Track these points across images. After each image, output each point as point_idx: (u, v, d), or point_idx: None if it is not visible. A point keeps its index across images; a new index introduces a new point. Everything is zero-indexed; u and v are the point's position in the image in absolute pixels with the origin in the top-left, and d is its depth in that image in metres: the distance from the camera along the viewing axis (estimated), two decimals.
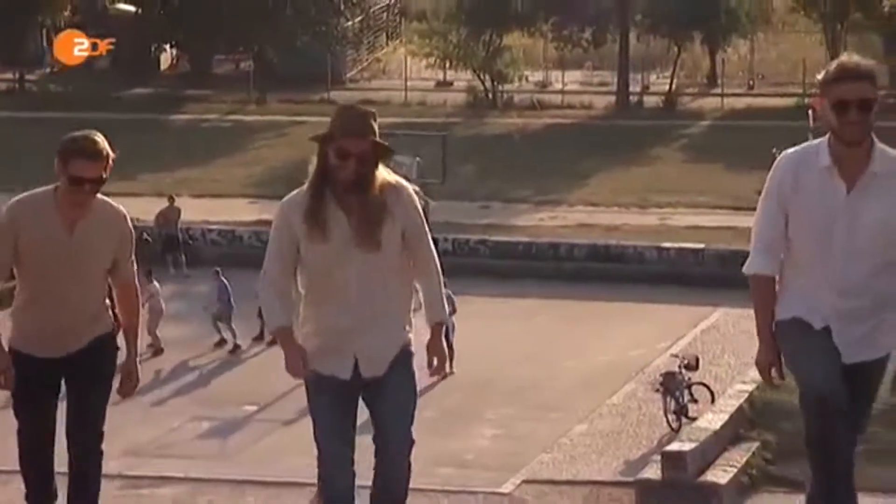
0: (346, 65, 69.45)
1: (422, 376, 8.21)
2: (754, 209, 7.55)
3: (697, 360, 30.41)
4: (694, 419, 28.28)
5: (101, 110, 53.09)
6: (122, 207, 8.73)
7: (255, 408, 30.67)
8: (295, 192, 8.13)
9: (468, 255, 41.51)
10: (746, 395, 29.32)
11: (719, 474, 25.99)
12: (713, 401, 29.31)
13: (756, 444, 27.34)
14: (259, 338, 34.93)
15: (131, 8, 65.84)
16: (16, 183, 18.38)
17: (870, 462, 12.85)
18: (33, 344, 8.62)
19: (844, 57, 7.52)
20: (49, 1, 62.39)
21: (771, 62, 66.84)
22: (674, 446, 26.60)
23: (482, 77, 61.93)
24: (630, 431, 28.47)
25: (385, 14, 74.19)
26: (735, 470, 26.18)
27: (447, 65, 65.19)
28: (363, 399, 8.16)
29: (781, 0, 67.06)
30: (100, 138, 8.45)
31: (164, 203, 43.28)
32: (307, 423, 8.07)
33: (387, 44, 73.59)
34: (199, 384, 32.70)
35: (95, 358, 8.65)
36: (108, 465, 9.15)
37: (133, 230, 8.88)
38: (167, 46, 68.17)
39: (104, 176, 8.43)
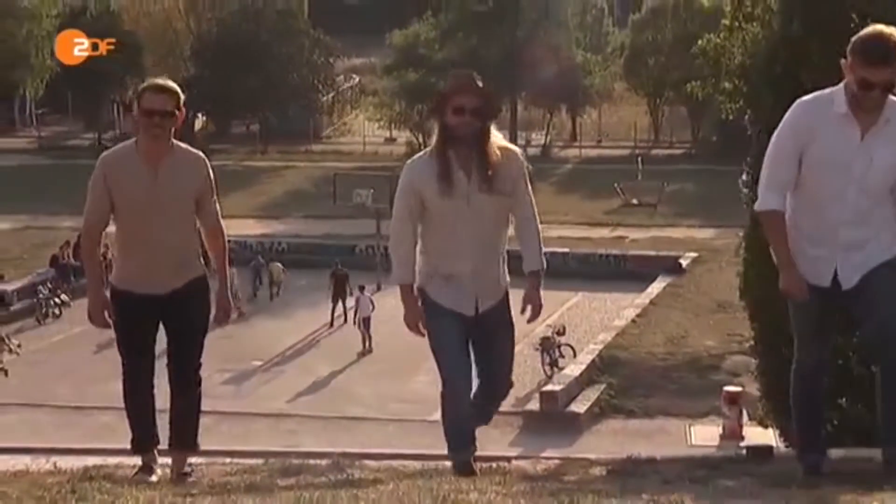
0: (322, 126, 69.53)
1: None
2: (603, 225, 7.02)
3: (564, 328, 30.47)
4: (562, 369, 28.37)
5: None
6: (201, 153, 7.10)
7: (259, 362, 30.55)
8: (417, 155, 6.78)
9: None
10: (597, 352, 29.50)
11: (579, 406, 26.12)
12: (575, 356, 29.40)
13: (604, 386, 27.48)
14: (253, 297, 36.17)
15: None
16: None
17: None
18: (135, 282, 6.95)
19: (877, 30, 5.85)
20: (119, 80, 61.84)
21: (613, 124, 67.06)
22: (548, 387, 26.77)
23: (416, 134, 62.08)
24: (518, 378, 28.37)
25: (350, 92, 74.23)
26: (590, 403, 26.31)
27: (392, 126, 65.24)
28: (475, 330, 6.78)
29: (619, 82, 67.38)
30: (169, 81, 6.99)
31: None
32: (298, 373, 7.74)
33: (351, 112, 73.56)
34: (219, 345, 32.57)
35: (191, 298, 6.99)
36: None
37: (212, 171, 7.17)
38: (199, 114, 67.85)
39: (176, 112, 6.84)
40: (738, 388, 24.37)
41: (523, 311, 6.68)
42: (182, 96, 6.90)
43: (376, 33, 70.15)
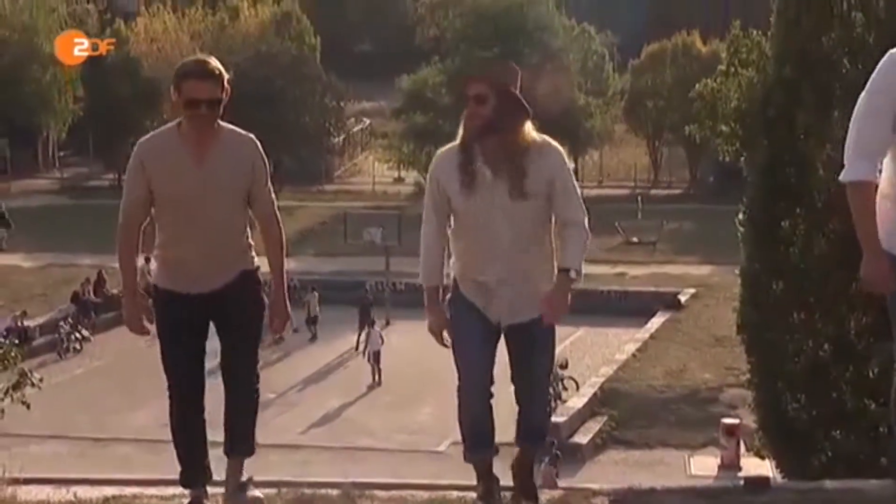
0: (333, 167, 69.60)
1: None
2: (603, 261, 6.23)
3: (567, 361, 30.40)
4: (565, 401, 28.31)
5: None
6: (251, 135, 5.97)
7: (273, 395, 30.54)
8: (446, 146, 5.87)
9: (417, 292, 41.35)
10: (599, 385, 29.43)
11: (582, 437, 26.05)
12: (577, 389, 29.33)
13: (606, 418, 27.41)
14: None
15: None
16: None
17: None
18: (178, 280, 5.91)
19: None
20: (138, 124, 62.01)
21: (614, 165, 67.09)
22: (552, 419, 26.69)
23: (424, 175, 61.89)
24: None
25: (360, 134, 74.36)
26: (592, 434, 26.25)
27: (401, 167, 65.33)
28: (506, 339, 5.91)
29: (619, 124, 67.44)
30: (212, 59, 5.84)
31: None
32: (311, 405, 7.42)
33: (361, 153, 73.67)
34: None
35: (241, 294, 5.92)
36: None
37: (266, 160, 5.99)
38: None
39: (221, 97, 5.78)
40: (736, 420, 24.33)
41: (541, 307, 5.72)
42: (226, 75, 5.84)
43: (386, 78, 70.34)
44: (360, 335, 34.21)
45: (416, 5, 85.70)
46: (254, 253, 6.05)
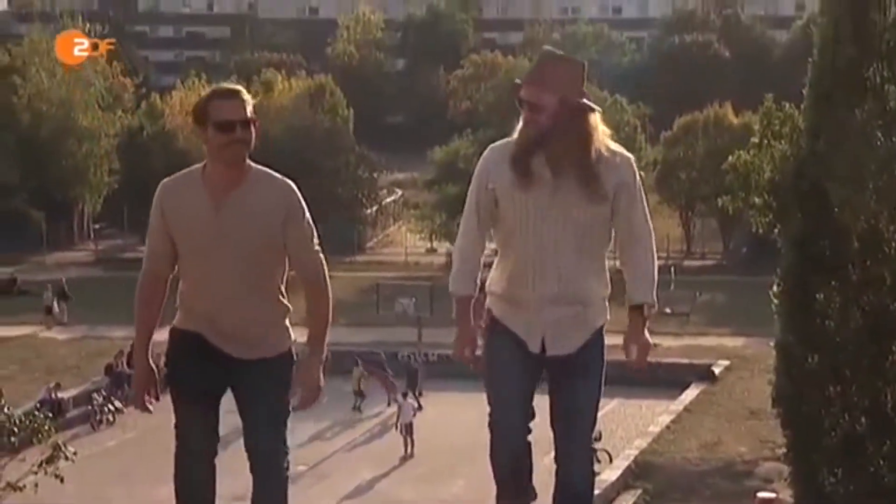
0: (366, 238, 69.83)
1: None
2: None
3: (601, 433, 30.18)
4: (599, 474, 28.09)
5: None
6: (287, 180, 5.11)
7: (305, 467, 30.42)
8: (503, 140, 5.10)
9: (450, 364, 41.36)
10: (633, 457, 29.23)
11: None
12: (611, 461, 29.14)
13: (640, 491, 27.20)
14: None
15: None
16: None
17: None
18: (203, 328, 5.17)
19: None
20: None
21: None
22: None
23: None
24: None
25: (393, 205, 74.65)
26: None
27: (433, 238, 65.50)
28: (549, 373, 5.21)
29: (652, 195, 67.47)
30: (234, 85, 5.17)
31: None
32: (343, 477, 6.97)
33: (394, 224, 73.92)
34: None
35: (267, 379, 5.16)
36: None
37: (304, 205, 5.13)
38: None
39: (252, 121, 5.00)
40: (772, 495, 24.05)
41: (627, 353, 5.26)
42: (250, 100, 5.10)
43: (418, 149, 70.77)
44: (416, 399, 34.28)
45: (448, 78, 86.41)
46: (289, 323, 5.28)
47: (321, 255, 5.23)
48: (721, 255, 62.39)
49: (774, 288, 16.55)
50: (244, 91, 5.05)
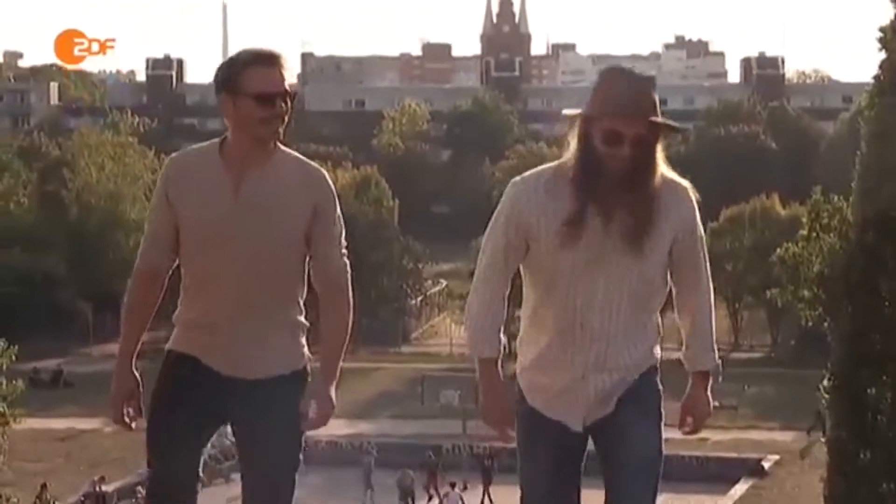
0: (411, 329, 69.99)
1: None
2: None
3: None
4: None
5: None
6: (320, 168, 4.30)
7: None
8: (533, 171, 4.22)
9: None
10: None
11: None
12: None
13: None
14: None
15: None
16: None
17: None
18: (201, 348, 4.37)
19: None
20: None
21: None
22: None
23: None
24: None
25: (437, 295, 74.79)
26: None
27: None
28: (594, 440, 4.30)
29: None
30: (268, 48, 4.26)
31: None
32: None
33: (438, 315, 73.98)
34: None
35: (278, 405, 4.28)
36: None
37: (337, 201, 4.29)
38: None
39: (292, 93, 4.20)
40: None
41: (683, 422, 4.39)
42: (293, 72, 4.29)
43: (463, 239, 70.97)
44: (429, 499, 34.09)
45: (493, 169, 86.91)
46: (304, 340, 4.41)
47: (347, 262, 4.38)
48: (769, 347, 61.93)
49: (825, 382, 16.38)
50: (284, 56, 4.23)
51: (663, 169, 4.20)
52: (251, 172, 4.20)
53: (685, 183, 4.28)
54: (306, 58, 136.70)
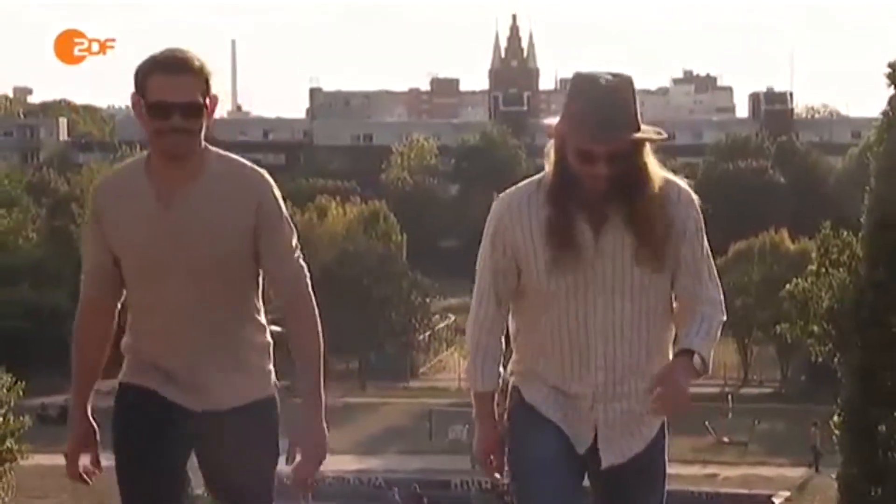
0: (419, 363, 69.88)
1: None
2: (694, 461, 4.26)
3: None
4: None
5: None
6: (258, 168, 3.87)
7: None
8: (518, 187, 4.00)
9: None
10: None
11: None
12: None
13: None
14: None
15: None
16: None
17: None
18: (153, 379, 3.97)
19: None
20: None
21: None
22: None
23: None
24: None
25: (445, 330, 74.73)
26: None
27: None
28: (591, 481, 3.97)
29: None
30: (190, 51, 3.78)
31: None
32: None
33: (446, 349, 73.91)
34: None
35: (244, 433, 3.86)
36: None
37: (281, 201, 3.86)
38: None
39: (204, 104, 3.72)
40: None
41: (652, 394, 3.64)
42: (210, 73, 3.77)
43: (471, 274, 70.77)
44: None
45: None
46: (271, 366, 3.99)
47: (303, 265, 3.92)
48: (779, 382, 61.74)
49: (835, 418, 16.33)
50: (198, 60, 3.76)
51: (659, 172, 3.76)
52: (179, 191, 3.79)
53: (683, 184, 3.84)
54: (314, 93, 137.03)
